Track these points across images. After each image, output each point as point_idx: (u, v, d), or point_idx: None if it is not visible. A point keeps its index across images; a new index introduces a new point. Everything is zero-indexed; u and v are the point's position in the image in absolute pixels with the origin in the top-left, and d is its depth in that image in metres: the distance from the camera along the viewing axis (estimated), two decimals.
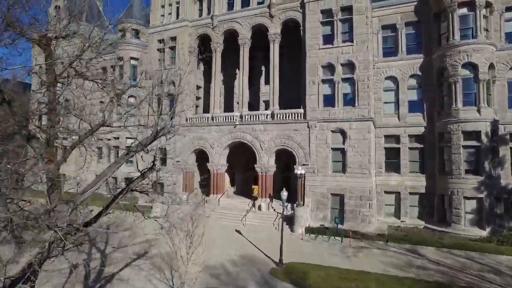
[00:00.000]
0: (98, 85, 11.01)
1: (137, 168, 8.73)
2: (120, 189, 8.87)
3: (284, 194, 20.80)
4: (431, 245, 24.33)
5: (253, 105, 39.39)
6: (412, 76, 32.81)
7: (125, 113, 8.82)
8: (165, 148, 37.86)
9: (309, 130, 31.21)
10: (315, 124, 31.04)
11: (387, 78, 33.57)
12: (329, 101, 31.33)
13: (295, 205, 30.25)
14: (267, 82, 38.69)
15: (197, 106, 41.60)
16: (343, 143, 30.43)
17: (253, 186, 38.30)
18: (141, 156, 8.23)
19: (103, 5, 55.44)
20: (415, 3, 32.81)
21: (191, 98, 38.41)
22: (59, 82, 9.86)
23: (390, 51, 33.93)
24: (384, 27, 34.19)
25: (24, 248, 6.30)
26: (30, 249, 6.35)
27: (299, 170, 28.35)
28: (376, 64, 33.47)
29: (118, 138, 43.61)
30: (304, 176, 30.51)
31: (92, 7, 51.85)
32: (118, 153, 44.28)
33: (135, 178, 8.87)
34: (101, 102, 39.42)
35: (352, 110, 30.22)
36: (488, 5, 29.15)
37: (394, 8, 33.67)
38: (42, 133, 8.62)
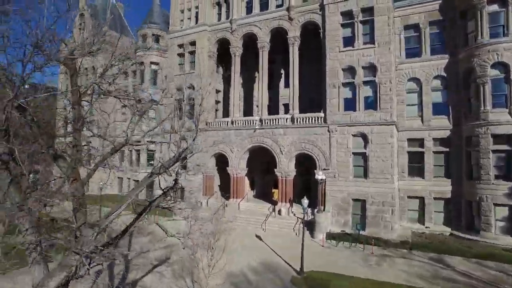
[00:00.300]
0: (120, 101, 11.20)
1: (160, 186, 8.80)
2: (143, 207, 8.96)
3: (305, 202, 20.58)
4: (458, 254, 23.38)
5: (273, 108, 39.27)
6: (436, 77, 31.68)
7: (148, 132, 8.92)
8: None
9: (330, 134, 30.75)
10: (336, 128, 30.55)
11: (410, 79, 32.56)
12: (350, 104, 30.75)
13: (315, 210, 29.88)
14: (286, 85, 38.47)
15: (216, 110, 41.87)
16: (365, 147, 29.80)
17: (273, 190, 38.26)
18: (164, 177, 8.28)
19: (125, 12, 56.69)
20: (440, 1, 31.66)
21: (211, 106, 38.66)
22: (84, 101, 10.09)
23: (413, 52, 32.87)
24: (406, 27, 33.17)
25: (53, 273, 6.46)
26: (59, 273, 6.51)
27: (319, 176, 27.99)
28: (399, 65, 32.52)
29: (139, 141, 44.44)
30: (325, 181, 30.11)
31: (114, 13, 53.13)
32: (139, 156, 45.18)
33: (157, 196, 8.95)
34: (124, 106, 40.24)
35: (374, 113, 29.52)
36: None
37: (417, 7, 32.60)
38: (68, 156, 8.84)
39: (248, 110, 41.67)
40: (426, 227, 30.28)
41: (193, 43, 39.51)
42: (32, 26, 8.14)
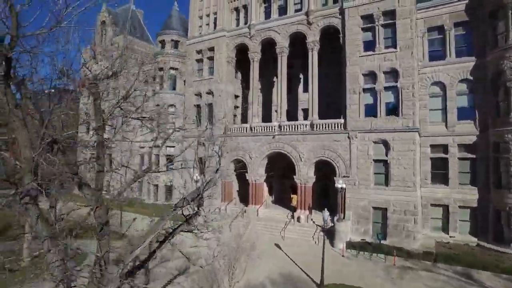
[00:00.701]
0: (143, 123, 11.31)
1: (182, 213, 8.82)
2: (167, 234, 9.00)
3: (326, 214, 20.32)
4: (487, 268, 22.36)
5: (291, 112, 38.89)
6: (462, 81, 30.48)
7: (170, 163, 8.96)
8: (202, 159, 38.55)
9: (350, 141, 30.20)
10: (356, 135, 29.96)
11: (434, 83, 31.48)
12: (371, 110, 30.07)
13: (335, 218, 29.43)
14: (305, 89, 38.02)
15: (235, 115, 41.90)
16: (386, 154, 29.08)
17: (291, 196, 37.97)
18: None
19: (144, 17, 57.60)
20: (466, 1, 30.39)
21: (230, 112, 38.82)
22: (108, 125, 10.23)
23: (436, 54, 31.75)
24: (430, 29, 32.03)
25: None
26: None
27: (339, 184, 27.55)
28: (421, 69, 31.52)
29: (158, 146, 45.12)
30: (345, 189, 29.60)
31: (134, 19, 54.11)
32: (158, 161, 45.80)
33: (180, 224, 8.97)
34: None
35: (396, 120, 28.76)
36: None
37: (442, 8, 31.41)
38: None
39: (266, 115, 41.51)
40: (450, 237, 29.28)
41: (211, 49, 39.67)
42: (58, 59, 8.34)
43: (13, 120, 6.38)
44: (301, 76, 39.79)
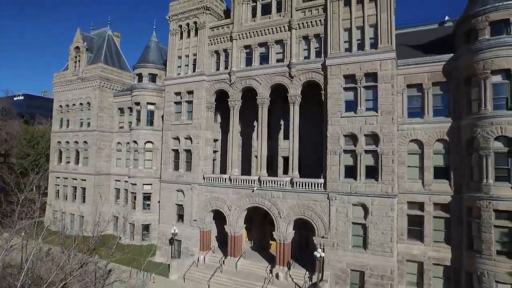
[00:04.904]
0: None
1: None
2: None
3: None
4: None
5: (272, 159, 38.31)
6: (439, 140, 30.89)
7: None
8: (182, 206, 37.58)
9: (329, 202, 30.21)
10: (336, 196, 29.99)
11: (412, 140, 31.71)
12: (350, 172, 30.15)
13: (313, 277, 29.46)
14: (286, 137, 37.43)
15: (214, 159, 41.00)
16: (365, 218, 29.30)
17: (270, 242, 37.83)
18: None
19: (121, 42, 55.16)
20: (444, 63, 30.84)
21: (209, 159, 37.98)
22: None
23: (415, 111, 32.06)
24: (409, 86, 32.21)
25: None
26: None
27: (318, 253, 27.58)
28: (400, 125, 31.75)
29: (135, 184, 43.73)
30: (323, 249, 29.67)
31: (110, 46, 51.71)
32: (135, 198, 44.37)
33: None
34: None
35: (375, 184, 28.97)
36: None
37: (421, 66, 31.68)
38: None
39: (246, 159, 40.70)
40: None
41: (190, 92, 38.37)
42: None
43: None
44: (282, 122, 39.14)
